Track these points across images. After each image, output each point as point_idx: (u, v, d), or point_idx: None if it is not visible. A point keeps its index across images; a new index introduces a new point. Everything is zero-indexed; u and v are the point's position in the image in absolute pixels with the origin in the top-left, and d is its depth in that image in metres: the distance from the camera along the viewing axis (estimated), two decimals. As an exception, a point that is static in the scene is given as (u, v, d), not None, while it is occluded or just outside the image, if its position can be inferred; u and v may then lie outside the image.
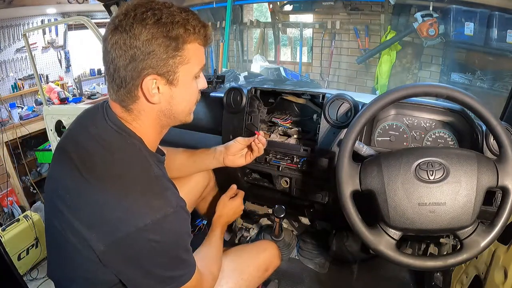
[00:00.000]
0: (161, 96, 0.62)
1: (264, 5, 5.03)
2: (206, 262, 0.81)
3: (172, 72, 0.61)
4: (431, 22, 3.29)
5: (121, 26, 0.58)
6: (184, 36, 0.60)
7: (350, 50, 4.18)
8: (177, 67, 0.61)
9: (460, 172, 0.68)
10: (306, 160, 1.08)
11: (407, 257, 0.70)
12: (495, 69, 3.09)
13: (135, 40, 0.58)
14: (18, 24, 3.08)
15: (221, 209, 1.01)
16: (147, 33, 0.57)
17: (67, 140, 0.69)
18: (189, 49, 0.62)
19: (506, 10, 2.84)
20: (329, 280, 1.32)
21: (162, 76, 0.61)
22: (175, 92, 0.64)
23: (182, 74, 0.62)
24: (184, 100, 0.66)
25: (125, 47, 0.58)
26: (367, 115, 0.75)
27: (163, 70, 0.60)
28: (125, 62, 0.59)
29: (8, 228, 1.89)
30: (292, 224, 1.54)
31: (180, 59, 0.61)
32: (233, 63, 5.02)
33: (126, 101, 0.63)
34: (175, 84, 0.63)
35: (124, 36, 0.58)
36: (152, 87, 0.61)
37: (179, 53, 0.60)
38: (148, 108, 0.64)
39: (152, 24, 0.58)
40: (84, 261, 0.62)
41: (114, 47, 0.59)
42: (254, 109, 1.19)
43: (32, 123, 2.84)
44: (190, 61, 0.62)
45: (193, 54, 0.63)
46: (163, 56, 0.59)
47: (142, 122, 0.65)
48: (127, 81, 0.60)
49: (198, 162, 1.04)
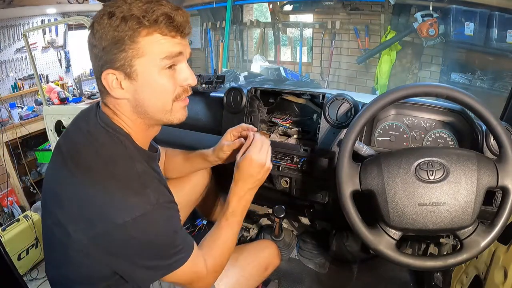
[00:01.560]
0: (124, 92, 0.63)
1: (264, 5, 5.03)
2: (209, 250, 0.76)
3: (127, 65, 0.61)
4: (431, 22, 3.29)
5: (91, 27, 0.62)
6: (137, 28, 0.59)
7: (350, 50, 4.18)
8: (131, 60, 0.60)
9: (460, 172, 0.68)
10: (306, 160, 1.08)
11: (407, 257, 0.70)
12: (495, 69, 3.09)
13: (94, 39, 0.61)
14: (18, 24, 3.07)
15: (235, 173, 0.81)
16: (101, 30, 0.60)
17: (62, 139, 0.70)
18: (144, 41, 0.60)
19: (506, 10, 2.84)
20: (329, 280, 1.32)
21: (118, 70, 0.61)
22: (138, 86, 0.63)
23: (140, 67, 0.61)
24: (152, 94, 0.63)
25: (90, 45, 0.63)
26: (367, 115, 0.75)
27: (117, 64, 0.61)
28: (92, 59, 0.64)
29: (8, 228, 1.89)
30: (292, 224, 1.54)
31: (133, 52, 0.60)
32: (233, 63, 5.02)
33: (101, 96, 0.67)
34: (134, 78, 0.62)
35: (90, 35, 0.62)
36: (113, 82, 0.62)
37: (131, 46, 0.59)
38: (119, 104, 0.65)
39: (106, 20, 0.59)
40: (74, 256, 0.63)
41: (88, 46, 0.63)
42: (254, 109, 1.19)
43: (32, 123, 2.84)
44: (147, 54, 0.60)
45: (150, 45, 0.60)
46: (115, 51, 0.60)
47: (123, 116, 0.66)
48: (96, 77, 0.64)
49: (194, 164, 1.04)
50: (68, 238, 0.61)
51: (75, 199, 0.61)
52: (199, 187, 1.16)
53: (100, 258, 0.62)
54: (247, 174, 0.79)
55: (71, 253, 0.63)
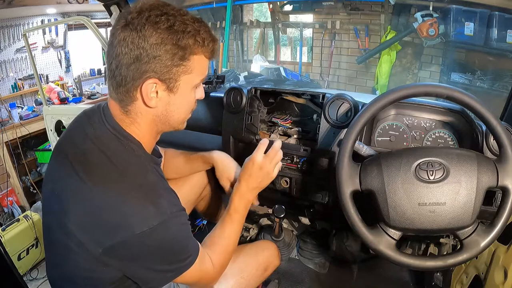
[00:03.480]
0: (158, 101, 0.63)
1: (264, 5, 5.04)
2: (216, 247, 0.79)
3: (173, 79, 0.61)
4: (431, 22, 3.29)
5: (132, 24, 0.57)
6: (193, 47, 0.61)
7: (350, 50, 4.19)
8: (179, 75, 0.62)
9: (460, 172, 0.68)
10: (306, 160, 1.08)
11: (407, 257, 0.70)
12: (495, 69, 3.09)
13: (144, 41, 0.57)
14: (18, 24, 3.07)
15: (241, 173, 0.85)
16: (157, 37, 0.57)
17: (64, 141, 0.69)
18: (194, 60, 0.62)
19: (506, 10, 2.85)
20: (329, 280, 1.32)
21: (163, 81, 0.61)
22: (173, 99, 0.64)
23: (183, 83, 0.63)
24: (181, 108, 0.67)
25: (132, 45, 0.57)
26: (367, 115, 0.75)
27: (165, 77, 0.60)
28: (129, 61, 0.58)
29: (8, 228, 1.89)
30: (292, 224, 1.54)
31: (184, 68, 0.61)
32: (233, 63, 5.02)
33: (124, 100, 0.63)
34: (174, 92, 0.63)
35: (133, 34, 0.57)
36: (151, 91, 0.61)
37: (184, 62, 0.61)
38: (144, 111, 0.64)
39: (164, 29, 0.58)
40: (81, 261, 0.62)
41: (121, 44, 0.58)
42: (254, 109, 1.19)
43: (32, 123, 2.84)
44: (193, 72, 0.63)
45: (198, 65, 0.63)
46: (168, 63, 0.59)
47: (139, 125, 0.66)
48: (127, 80, 0.60)
49: (195, 167, 1.07)
50: (78, 245, 0.60)
51: (88, 207, 0.60)
52: (199, 187, 1.16)
53: (113, 264, 0.62)
54: (248, 174, 0.84)
55: (79, 259, 0.62)
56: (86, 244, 0.60)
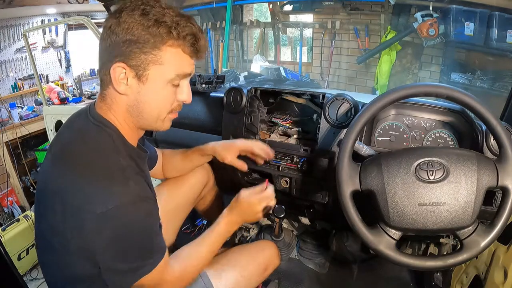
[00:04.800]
0: (128, 88, 0.63)
1: (264, 5, 5.04)
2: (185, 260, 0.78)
3: (142, 67, 0.61)
4: (431, 22, 3.29)
5: (115, 12, 0.61)
6: (165, 37, 0.60)
7: (350, 50, 4.18)
8: (148, 64, 0.61)
9: (460, 172, 0.68)
10: (306, 160, 1.08)
11: (407, 257, 0.70)
12: (495, 69, 3.09)
13: (118, 27, 0.59)
14: (18, 24, 3.08)
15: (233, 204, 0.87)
16: (130, 22, 0.59)
17: (54, 141, 0.70)
18: (167, 51, 0.61)
19: (506, 10, 2.84)
20: (329, 280, 1.32)
21: (132, 68, 0.61)
22: (143, 89, 0.63)
23: (153, 73, 0.62)
24: (153, 102, 0.65)
25: (109, 31, 0.60)
26: (367, 115, 0.75)
27: (133, 63, 0.61)
28: (106, 45, 0.61)
29: (8, 228, 1.89)
30: (292, 224, 1.54)
31: (153, 57, 0.61)
32: (233, 63, 5.02)
33: (103, 85, 0.65)
34: (143, 81, 0.62)
35: (112, 21, 0.60)
36: (120, 77, 0.61)
37: (153, 51, 0.60)
38: (118, 99, 0.65)
39: (138, 15, 0.59)
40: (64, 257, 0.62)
41: (105, 30, 0.61)
42: (254, 109, 1.19)
43: (32, 123, 2.85)
44: (165, 64, 0.62)
45: (171, 58, 0.62)
46: (136, 49, 0.60)
47: (116, 113, 0.66)
48: (103, 63, 0.63)
49: (194, 161, 1.07)
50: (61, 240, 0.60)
51: (60, 195, 0.61)
52: (199, 187, 1.16)
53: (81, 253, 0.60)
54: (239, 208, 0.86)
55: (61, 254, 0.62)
56: (62, 235, 0.60)
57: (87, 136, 0.64)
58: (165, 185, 1.10)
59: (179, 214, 1.11)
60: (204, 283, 0.85)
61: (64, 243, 0.61)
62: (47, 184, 0.65)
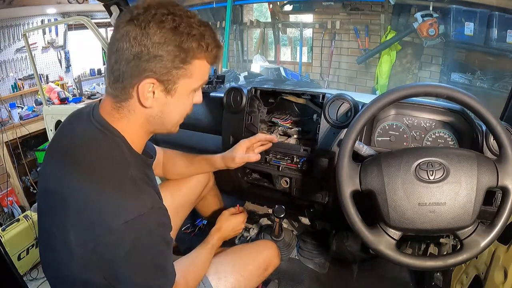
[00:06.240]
0: (154, 101, 0.61)
1: (264, 5, 5.04)
2: (186, 271, 0.80)
3: (172, 81, 0.60)
4: (431, 22, 3.29)
5: (137, 19, 0.56)
6: (196, 51, 0.59)
7: (350, 50, 4.19)
8: (178, 78, 0.60)
9: (460, 172, 0.68)
10: (306, 160, 1.08)
11: (407, 257, 0.70)
12: (495, 69, 3.09)
13: (147, 39, 0.56)
14: (18, 24, 3.07)
15: (222, 222, 1.00)
16: (161, 36, 0.56)
17: (54, 140, 0.69)
18: (196, 64, 0.61)
19: (506, 10, 2.84)
20: (329, 280, 1.32)
21: (161, 82, 0.59)
22: (170, 102, 0.62)
23: (182, 86, 0.62)
24: (177, 111, 0.65)
25: (135, 41, 0.56)
26: (367, 115, 0.75)
27: (164, 78, 0.59)
28: (129, 57, 0.57)
29: (8, 228, 1.89)
30: (292, 224, 1.54)
31: (184, 71, 0.60)
32: (233, 63, 5.02)
33: (119, 97, 0.62)
34: (172, 94, 0.62)
35: (137, 30, 0.56)
36: (148, 90, 0.59)
37: (185, 65, 0.59)
38: (138, 110, 0.62)
39: (169, 29, 0.56)
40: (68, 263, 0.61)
41: (124, 38, 0.57)
42: (254, 109, 1.19)
43: (32, 123, 2.84)
44: (193, 76, 0.62)
45: (199, 70, 0.62)
46: (169, 65, 0.58)
47: (129, 122, 0.64)
48: (125, 77, 0.59)
49: (199, 169, 1.07)
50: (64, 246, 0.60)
51: (69, 205, 0.60)
52: (199, 187, 1.15)
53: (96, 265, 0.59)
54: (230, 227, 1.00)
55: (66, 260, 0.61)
56: (69, 244, 0.59)
57: (94, 143, 0.63)
58: (165, 185, 1.10)
59: (179, 214, 1.11)
60: (203, 283, 0.85)
61: (72, 252, 0.59)
62: (52, 185, 0.64)
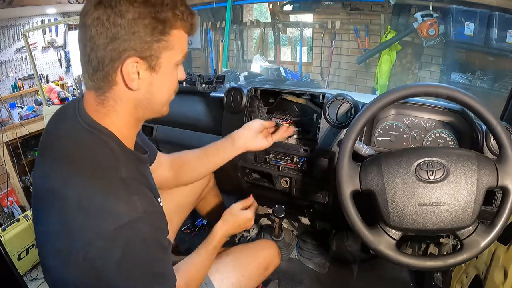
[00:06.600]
0: (140, 82, 0.58)
1: (264, 5, 5.04)
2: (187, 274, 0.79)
3: (155, 57, 0.57)
4: (431, 22, 3.29)
5: (106, 0, 0.53)
6: (172, 21, 0.57)
7: (350, 50, 4.18)
8: (161, 52, 0.57)
9: (460, 172, 0.68)
10: (306, 160, 1.08)
11: (407, 257, 0.70)
12: (495, 69, 3.09)
13: (120, 18, 0.53)
14: (18, 24, 3.07)
15: (228, 217, 0.94)
16: (134, 11, 0.53)
17: (43, 140, 0.66)
18: (174, 34, 0.58)
19: (506, 10, 2.84)
20: (329, 280, 1.32)
21: (144, 60, 0.56)
22: (155, 79, 0.59)
23: (165, 60, 0.59)
24: (164, 88, 0.62)
25: (108, 24, 0.53)
26: (367, 115, 0.75)
27: (146, 54, 0.56)
28: (106, 41, 0.54)
29: (8, 228, 1.89)
30: (292, 224, 1.54)
31: (165, 43, 0.57)
32: (233, 63, 5.02)
33: (102, 87, 0.58)
34: (156, 70, 0.58)
35: (108, 12, 0.52)
36: (133, 71, 0.56)
37: (164, 37, 0.57)
38: (125, 96, 0.59)
39: (140, 3, 0.53)
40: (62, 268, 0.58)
41: (95, 23, 0.53)
42: (254, 109, 1.19)
43: (32, 123, 2.84)
44: (174, 48, 0.59)
45: (178, 40, 0.59)
46: (148, 39, 0.55)
47: (117, 115, 0.60)
48: (105, 63, 0.55)
49: (215, 157, 0.97)
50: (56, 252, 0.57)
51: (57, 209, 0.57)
52: (199, 187, 1.15)
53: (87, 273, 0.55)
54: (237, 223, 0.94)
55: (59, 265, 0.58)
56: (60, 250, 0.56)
57: (82, 144, 0.59)
58: (165, 185, 1.09)
59: (179, 214, 1.11)
60: (206, 284, 0.85)
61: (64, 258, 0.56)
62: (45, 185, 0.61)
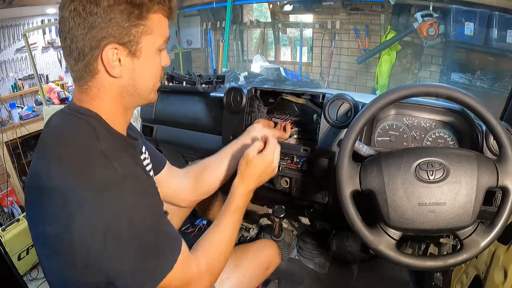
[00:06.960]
0: (122, 69, 0.58)
1: (264, 5, 5.05)
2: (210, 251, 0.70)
3: (134, 42, 0.57)
4: (431, 22, 3.29)
5: None
6: (149, 5, 0.57)
7: (350, 50, 4.19)
8: (140, 37, 0.57)
9: (460, 172, 0.68)
10: (306, 160, 1.08)
11: (407, 257, 0.70)
12: (495, 69, 3.10)
13: (96, 6, 0.53)
14: (18, 24, 3.07)
15: (243, 168, 0.79)
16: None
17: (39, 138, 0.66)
18: (153, 19, 0.58)
19: (506, 10, 2.85)
20: (329, 280, 1.32)
21: (124, 46, 0.56)
22: (138, 65, 0.59)
23: (145, 45, 0.58)
24: (147, 74, 0.62)
25: (84, 13, 0.53)
26: (367, 115, 0.75)
27: (125, 40, 0.56)
28: (84, 31, 0.54)
29: (8, 228, 1.89)
30: (292, 224, 1.54)
31: (143, 28, 0.57)
32: (233, 63, 5.03)
33: (84, 77, 0.58)
34: (137, 55, 0.58)
35: (84, 2, 0.53)
36: (113, 58, 0.56)
37: (142, 22, 0.57)
38: (108, 84, 0.59)
39: None
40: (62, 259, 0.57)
41: (72, 15, 0.54)
42: (254, 109, 1.19)
43: (32, 123, 2.84)
44: (154, 32, 0.59)
45: (157, 25, 0.59)
46: (125, 24, 0.55)
47: (102, 100, 0.60)
48: (85, 52, 0.56)
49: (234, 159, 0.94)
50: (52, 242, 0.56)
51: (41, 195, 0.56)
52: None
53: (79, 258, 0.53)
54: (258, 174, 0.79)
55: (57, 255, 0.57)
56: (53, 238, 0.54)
57: (61, 128, 0.59)
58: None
59: (179, 214, 1.11)
60: None
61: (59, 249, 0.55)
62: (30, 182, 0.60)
